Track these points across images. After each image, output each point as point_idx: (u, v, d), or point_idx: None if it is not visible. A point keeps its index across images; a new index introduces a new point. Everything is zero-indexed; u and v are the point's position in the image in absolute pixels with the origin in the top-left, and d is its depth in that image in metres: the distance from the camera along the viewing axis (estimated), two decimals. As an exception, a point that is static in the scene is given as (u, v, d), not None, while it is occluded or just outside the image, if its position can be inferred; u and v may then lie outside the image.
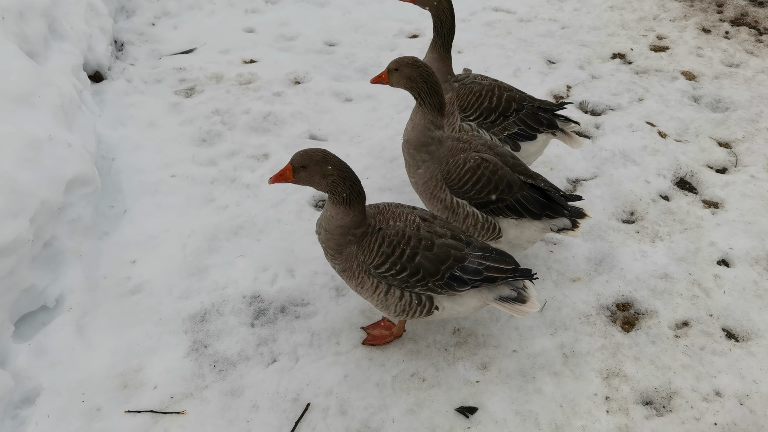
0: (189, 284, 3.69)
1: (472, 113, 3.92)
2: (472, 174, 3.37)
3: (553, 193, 3.49)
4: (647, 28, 6.39)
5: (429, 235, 2.99)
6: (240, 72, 5.63)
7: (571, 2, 6.91)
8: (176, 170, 4.50)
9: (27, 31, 4.28)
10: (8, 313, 3.11)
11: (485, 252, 3.06)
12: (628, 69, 5.80)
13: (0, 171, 3.16)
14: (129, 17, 6.40)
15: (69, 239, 3.56)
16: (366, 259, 3.00)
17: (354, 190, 2.94)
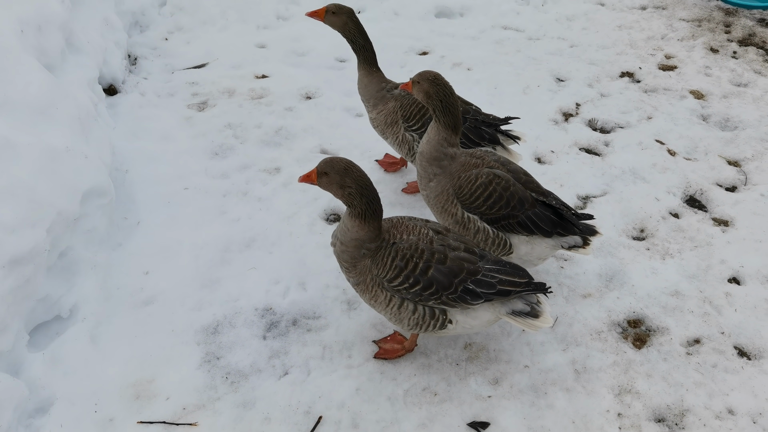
0: (202, 296, 3.70)
1: (414, 123, 4.06)
2: (483, 189, 3.40)
3: (565, 211, 3.50)
4: (655, 47, 6.45)
5: (442, 248, 3.01)
6: (252, 87, 5.69)
7: (579, 21, 6.98)
8: (189, 183, 4.54)
9: (45, 44, 4.34)
10: (23, 323, 3.13)
11: (499, 265, 3.07)
12: (637, 87, 5.85)
13: (19, 181, 3.20)
14: (143, 32, 6.48)
15: (84, 249, 3.59)
16: (380, 272, 3.02)
17: (371, 206, 2.96)
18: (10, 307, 2.95)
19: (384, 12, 7.02)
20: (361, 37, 4.09)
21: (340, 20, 4.05)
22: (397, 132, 4.14)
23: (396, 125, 4.12)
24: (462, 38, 6.69)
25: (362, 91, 4.27)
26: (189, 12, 6.68)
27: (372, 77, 4.19)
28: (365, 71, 4.19)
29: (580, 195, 4.58)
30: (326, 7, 4.07)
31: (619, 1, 7.28)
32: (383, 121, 4.21)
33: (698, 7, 6.99)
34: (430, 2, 7.12)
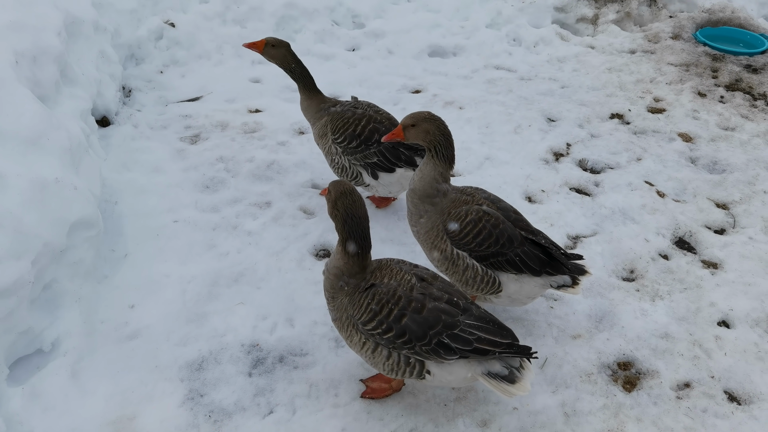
0: (187, 331, 3.65)
1: (339, 136, 4.29)
2: (473, 226, 3.40)
3: (554, 250, 3.50)
4: (644, 90, 6.56)
5: (422, 297, 2.92)
6: (245, 121, 5.72)
7: (570, 63, 7.10)
8: (179, 216, 4.52)
9: (40, 75, 4.35)
10: (4, 356, 3.07)
11: (482, 322, 2.95)
12: (627, 129, 5.92)
13: (6, 211, 3.17)
14: (138, 64, 6.53)
15: (69, 282, 3.54)
16: (355, 313, 2.98)
17: (353, 238, 2.94)
18: (-10, 340, 2.89)
19: (378, 50, 7.13)
20: (298, 67, 4.41)
21: (279, 53, 4.37)
22: (326, 143, 4.38)
23: (325, 137, 4.38)
24: (455, 77, 6.79)
25: (305, 112, 4.56)
26: (185, 46, 6.75)
27: (312, 100, 4.48)
28: (305, 95, 4.49)
29: (570, 235, 4.59)
30: (266, 40, 4.37)
31: (608, 45, 7.43)
32: (317, 134, 4.47)
33: (686, 52, 7.14)
34: (423, 41, 7.23)
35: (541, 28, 7.62)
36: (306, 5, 7.22)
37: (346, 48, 7.20)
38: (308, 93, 4.47)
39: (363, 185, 4.43)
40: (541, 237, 3.54)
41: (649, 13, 7.95)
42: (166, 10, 6.89)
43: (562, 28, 7.69)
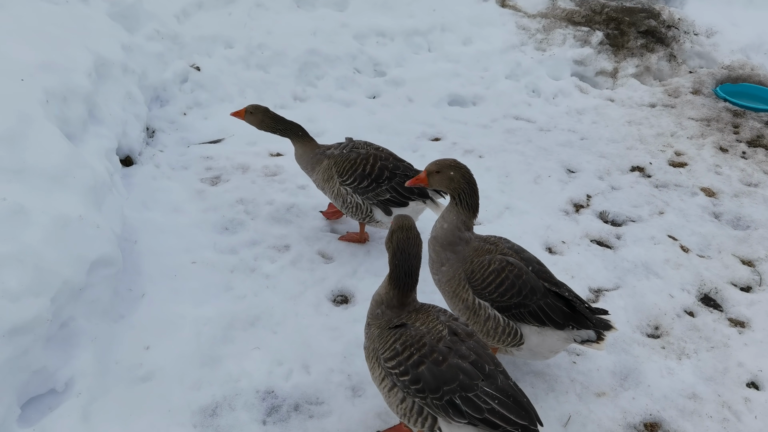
0: (201, 374, 3.58)
1: (348, 178, 4.36)
2: (496, 276, 3.34)
3: (578, 303, 3.41)
4: (665, 143, 6.55)
5: (446, 350, 2.83)
6: (266, 164, 5.76)
7: (589, 115, 7.13)
8: (197, 256, 4.50)
9: (68, 114, 4.42)
10: (16, 396, 3.01)
11: (501, 394, 2.79)
12: (648, 182, 5.89)
13: (28, 247, 3.17)
14: (162, 106, 6.62)
15: (86, 321, 3.50)
16: (379, 347, 2.95)
17: (398, 273, 2.93)
18: (4, 378, 2.85)
19: (398, 98, 7.20)
20: (281, 125, 4.57)
21: (257, 119, 4.61)
22: (333, 186, 4.45)
23: (332, 180, 4.44)
24: (474, 126, 6.82)
25: (299, 161, 4.67)
26: (208, 89, 6.86)
27: (305, 147, 4.60)
28: (299, 144, 4.62)
29: (592, 288, 4.51)
30: (245, 108, 4.64)
31: (628, 98, 7.46)
32: (321, 179, 4.52)
33: (707, 107, 7.16)
34: (443, 90, 7.31)
35: (560, 80, 7.69)
36: (328, 52, 7.34)
37: (367, 95, 7.28)
38: (301, 142, 4.60)
39: (374, 222, 4.50)
40: (565, 289, 3.47)
41: (669, 68, 8.01)
42: (192, 54, 7.04)
43: (581, 81, 7.76)
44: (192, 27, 7.27)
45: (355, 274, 4.44)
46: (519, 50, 7.94)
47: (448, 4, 8.47)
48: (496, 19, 8.34)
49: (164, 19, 7.02)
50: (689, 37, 8.22)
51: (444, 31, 8.06)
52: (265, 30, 7.42)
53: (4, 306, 2.90)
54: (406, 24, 7.94)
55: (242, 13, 7.60)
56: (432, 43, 7.99)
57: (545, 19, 8.34)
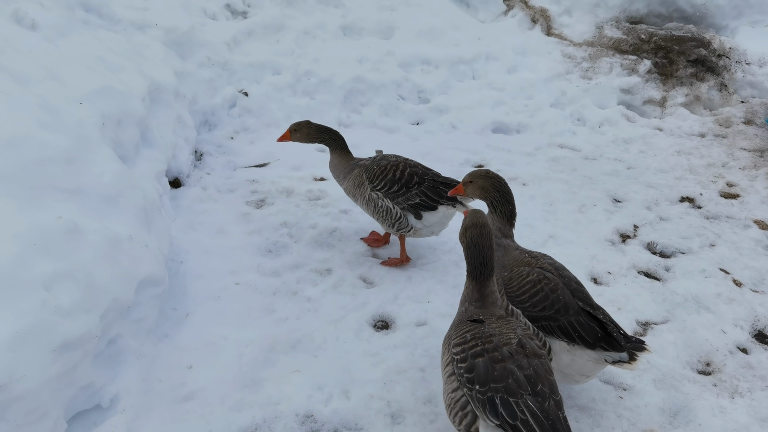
0: (242, 396, 3.60)
1: (378, 183, 4.50)
2: (531, 286, 3.43)
3: (611, 327, 3.34)
4: (716, 174, 6.38)
5: (507, 354, 2.87)
6: (310, 188, 5.82)
7: (636, 144, 7.01)
8: (240, 278, 4.56)
9: (122, 137, 4.57)
10: (63, 410, 3.07)
11: (542, 414, 2.73)
12: (698, 213, 5.73)
13: (80, 265, 3.25)
14: (211, 130, 6.80)
15: (132, 339, 3.57)
16: (453, 334, 3.10)
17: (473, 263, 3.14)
18: (54, 392, 2.91)
19: (442, 125, 7.23)
20: (326, 134, 4.74)
21: (303, 134, 4.77)
22: (364, 192, 4.57)
23: (362, 186, 4.58)
24: (518, 154, 6.79)
25: (333, 170, 4.83)
26: (255, 114, 7.02)
27: (342, 158, 4.77)
28: (336, 154, 4.78)
29: (639, 320, 4.38)
30: (289, 129, 4.81)
31: (677, 127, 7.33)
32: (352, 185, 4.67)
33: (759, 138, 6.96)
34: (487, 118, 7.31)
35: (607, 109, 7.61)
36: (374, 80, 7.45)
37: (410, 122, 7.34)
38: (339, 152, 4.77)
39: (406, 228, 4.57)
40: (600, 312, 3.40)
41: (720, 98, 7.85)
42: (241, 80, 7.23)
43: (628, 110, 7.66)
44: (241, 54, 7.48)
45: (396, 300, 4.43)
46: (564, 79, 7.91)
47: (493, 33, 8.52)
48: (541, 48, 8.34)
49: (215, 46, 7.25)
50: (741, 66, 8.05)
51: (489, 60, 8.10)
52: (312, 58, 7.59)
53: (56, 322, 2.98)
54: (451, 52, 8.01)
55: (290, 41, 7.79)
56: (476, 71, 8.03)
57: (591, 48, 8.29)
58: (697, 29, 8.59)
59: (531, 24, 8.80)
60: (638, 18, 8.75)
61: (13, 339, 2.78)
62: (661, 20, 8.77)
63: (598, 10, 8.71)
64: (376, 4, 8.54)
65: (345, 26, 8.25)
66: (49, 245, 3.16)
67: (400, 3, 8.63)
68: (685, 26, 8.63)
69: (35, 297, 2.94)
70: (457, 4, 8.93)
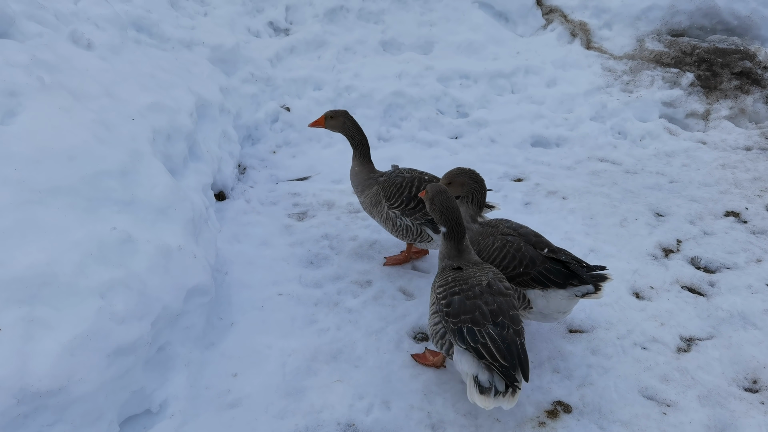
0: (286, 404, 3.67)
1: (395, 201, 4.56)
2: (498, 252, 3.91)
3: (574, 264, 3.84)
4: (763, 188, 6.25)
5: (478, 292, 3.42)
6: (350, 201, 5.92)
7: (679, 158, 6.92)
8: (283, 289, 4.66)
9: (171, 151, 4.75)
10: (116, 413, 3.20)
11: (500, 339, 3.26)
12: (744, 228, 5.62)
13: (134, 274, 3.40)
14: (254, 144, 6.98)
15: (181, 346, 3.69)
16: (437, 281, 3.65)
17: (448, 224, 3.64)
18: (108, 396, 3.04)
19: (481, 139, 7.26)
20: (357, 134, 4.74)
21: (338, 122, 4.75)
22: (381, 211, 4.65)
23: (380, 205, 4.64)
24: (557, 167, 6.76)
25: (353, 178, 4.86)
26: (297, 129, 7.17)
27: (363, 167, 4.80)
28: (358, 161, 4.81)
29: (683, 336, 4.32)
30: (324, 115, 4.78)
31: (721, 141, 7.21)
32: (369, 203, 4.73)
33: (808, 151, 6.80)
34: (526, 131, 7.31)
35: (648, 122, 7.53)
36: (413, 94, 7.53)
37: (449, 136, 7.39)
38: (361, 160, 4.80)
39: (427, 241, 4.67)
40: (562, 254, 3.91)
41: (766, 111, 7.69)
42: (283, 95, 7.40)
43: (670, 123, 7.57)
44: (284, 70, 7.67)
45: (436, 312, 4.46)
46: (604, 92, 7.87)
47: (532, 47, 8.54)
48: (581, 62, 8.31)
49: (259, 62, 7.45)
50: (788, 78, 7.88)
51: (528, 74, 8.11)
52: (352, 73, 7.72)
53: (112, 328, 3.12)
54: (490, 66, 8.05)
55: (331, 56, 7.95)
56: (515, 85, 8.05)
57: (632, 61, 8.23)
58: (742, 41, 8.45)
59: (570, 38, 8.79)
60: (680, 31, 8.65)
61: (72, 343, 2.92)
62: (704, 33, 8.65)
63: (638, 23, 8.65)
64: (415, 19, 8.65)
65: (385, 42, 8.38)
66: (105, 255, 3.31)
67: (439, 18, 8.73)
68: (728, 38, 8.49)
69: (92, 304, 3.09)
70: (496, 18, 8.98)
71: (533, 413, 3.67)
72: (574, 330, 4.36)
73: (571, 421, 3.63)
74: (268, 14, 8.45)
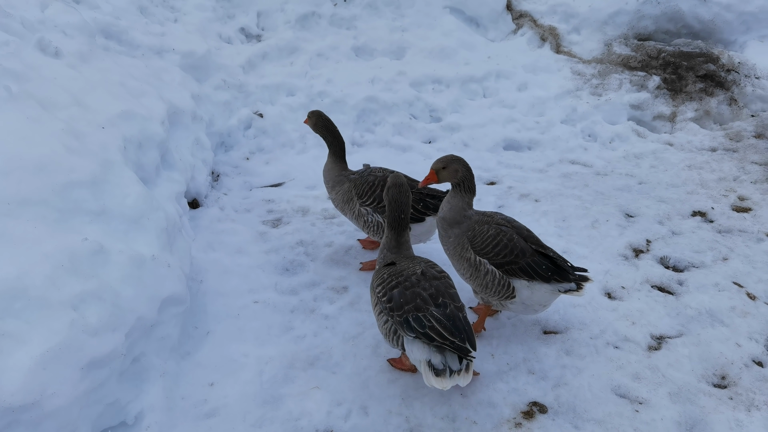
0: (263, 412, 3.67)
1: (367, 199, 4.67)
2: (492, 239, 4.05)
3: (560, 261, 4.04)
4: (728, 188, 6.41)
5: (415, 281, 3.59)
6: (325, 207, 5.92)
7: (647, 159, 7.06)
8: (259, 297, 4.64)
9: (143, 159, 4.71)
10: (91, 427, 3.16)
11: (445, 318, 3.42)
12: (710, 227, 5.76)
13: (107, 285, 3.36)
14: (227, 151, 6.94)
15: (156, 357, 3.66)
16: (375, 278, 3.78)
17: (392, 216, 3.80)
18: (82, 409, 3.00)
19: (454, 143, 7.33)
20: (330, 134, 4.93)
21: (311, 121, 4.97)
22: (353, 208, 4.75)
23: (351, 202, 4.76)
24: (530, 171, 6.85)
25: (325, 175, 5.00)
26: (271, 135, 7.16)
27: (336, 165, 4.94)
28: (332, 159, 4.96)
29: (653, 335, 4.41)
30: (308, 114, 5.03)
31: (687, 142, 7.37)
32: (341, 200, 4.85)
33: (770, 151, 6.99)
34: (498, 135, 7.39)
35: (617, 125, 7.67)
36: (386, 99, 7.57)
37: (423, 140, 7.43)
38: (335, 158, 4.95)
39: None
40: (550, 251, 4.09)
41: (729, 112, 7.89)
42: (256, 102, 7.38)
43: (638, 125, 7.72)
44: (256, 76, 7.65)
45: (412, 317, 4.48)
46: (574, 95, 7.99)
47: (503, 52, 8.64)
48: (551, 66, 8.44)
49: (231, 69, 7.42)
50: (750, 80, 8.10)
51: (499, 78, 8.21)
52: (325, 79, 7.74)
53: (85, 340, 3.08)
54: (462, 71, 8.12)
55: (304, 63, 7.96)
56: (487, 90, 8.14)
57: (600, 65, 8.38)
58: (706, 45, 8.66)
59: (540, 42, 8.91)
60: (646, 35, 8.84)
61: (44, 357, 2.89)
62: (669, 37, 8.85)
63: (606, 27, 8.81)
64: (387, 25, 8.70)
65: (357, 47, 8.40)
66: (77, 266, 3.28)
67: (411, 24, 8.79)
68: (693, 42, 8.70)
69: (65, 316, 3.05)
70: (467, 23, 9.07)
71: (510, 414, 3.72)
72: (549, 331, 4.42)
73: (547, 421, 3.69)
74: (240, 20, 8.42)
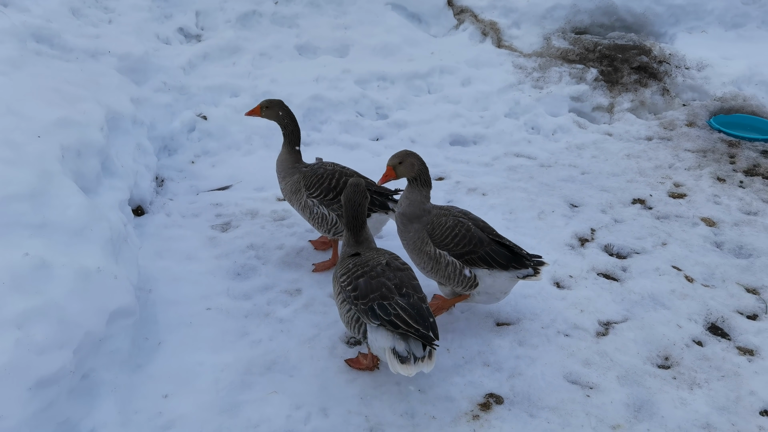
0: (221, 421, 3.62)
1: (314, 191, 4.73)
2: (450, 230, 4.18)
3: (517, 248, 4.23)
4: (664, 175, 6.68)
5: (380, 271, 3.70)
6: (274, 209, 5.87)
7: (589, 150, 7.28)
8: (211, 303, 4.57)
9: (83, 168, 4.55)
10: (41, 448, 3.06)
11: (409, 307, 3.55)
12: (649, 214, 5.99)
13: (51, 301, 3.25)
14: (171, 155, 6.77)
15: (106, 371, 3.57)
16: (338, 270, 3.88)
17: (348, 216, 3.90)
18: (32, 430, 2.90)
19: (401, 140, 7.36)
20: (291, 123, 4.87)
21: (273, 112, 4.88)
22: (300, 199, 4.80)
23: (299, 193, 4.80)
24: (476, 165, 6.96)
25: (279, 164, 4.98)
26: (216, 137, 7.02)
27: (290, 155, 4.92)
28: (286, 149, 4.92)
29: (601, 321, 4.57)
30: (260, 104, 4.92)
31: (625, 132, 7.63)
32: (289, 190, 4.88)
33: (702, 139, 7.32)
34: (445, 131, 7.47)
35: (559, 117, 7.87)
36: (331, 97, 7.54)
37: (371, 138, 7.44)
38: (290, 148, 4.91)
39: (341, 233, 4.78)
40: (506, 240, 4.26)
41: (663, 102, 8.20)
42: (199, 104, 7.23)
43: (579, 117, 7.94)
44: (198, 78, 7.49)
45: (367, 316, 4.50)
46: (517, 89, 8.15)
47: (446, 47, 8.72)
48: (493, 60, 8.58)
49: (171, 71, 7.25)
50: (681, 71, 8.44)
51: (443, 74, 8.29)
52: (269, 78, 7.64)
53: (31, 359, 2.98)
54: (406, 68, 8.17)
55: (246, 62, 7.84)
56: (432, 86, 8.20)
57: (541, 58, 8.57)
58: (639, 37, 8.97)
59: (482, 37, 9.05)
60: (583, 28, 9.09)
61: (-12, 380, 2.77)
62: (604, 30, 9.12)
63: (545, 21, 9.01)
64: (330, 23, 8.66)
65: (300, 46, 8.34)
66: (20, 283, 3.16)
67: (354, 21, 8.77)
68: (627, 35, 9.00)
69: (9, 336, 2.94)
70: (409, 20, 9.12)
71: (467, 407, 3.79)
72: (502, 323, 4.52)
73: (503, 411, 3.78)
74: (178, 20, 8.22)
